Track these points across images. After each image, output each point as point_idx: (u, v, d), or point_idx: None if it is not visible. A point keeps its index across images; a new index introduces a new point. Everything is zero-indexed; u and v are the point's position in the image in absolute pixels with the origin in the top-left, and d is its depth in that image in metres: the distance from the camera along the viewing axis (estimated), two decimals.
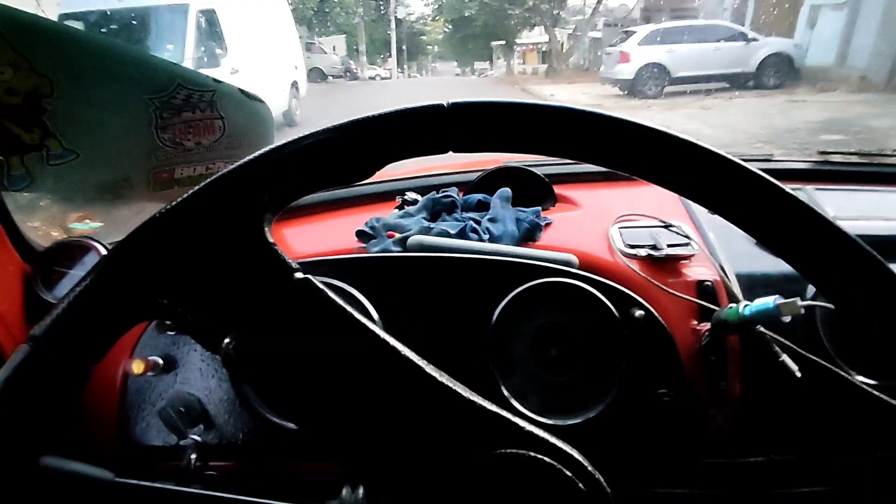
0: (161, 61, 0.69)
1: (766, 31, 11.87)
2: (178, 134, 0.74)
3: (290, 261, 0.39)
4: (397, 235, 0.78)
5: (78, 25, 6.44)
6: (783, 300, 0.63)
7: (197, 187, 0.39)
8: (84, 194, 0.73)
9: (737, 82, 10.62)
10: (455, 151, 0.51)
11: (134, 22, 6.26)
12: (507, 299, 0.70)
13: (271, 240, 0.40)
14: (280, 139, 0.42)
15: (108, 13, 6.22)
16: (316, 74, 15.28)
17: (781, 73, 10.62)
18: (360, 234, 0.82)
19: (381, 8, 24.72)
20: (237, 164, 0.40)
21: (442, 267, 0.72)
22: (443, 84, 19.72)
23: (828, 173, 0.97)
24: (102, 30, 6.23)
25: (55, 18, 5.52)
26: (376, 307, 0.70)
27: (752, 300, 0.70)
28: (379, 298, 0.70)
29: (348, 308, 0.38)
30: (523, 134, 0.43)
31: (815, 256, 0.38)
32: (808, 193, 0.94)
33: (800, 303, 0.62)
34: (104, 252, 0.65)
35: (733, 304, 0.69)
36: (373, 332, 0.38)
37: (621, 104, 10.05)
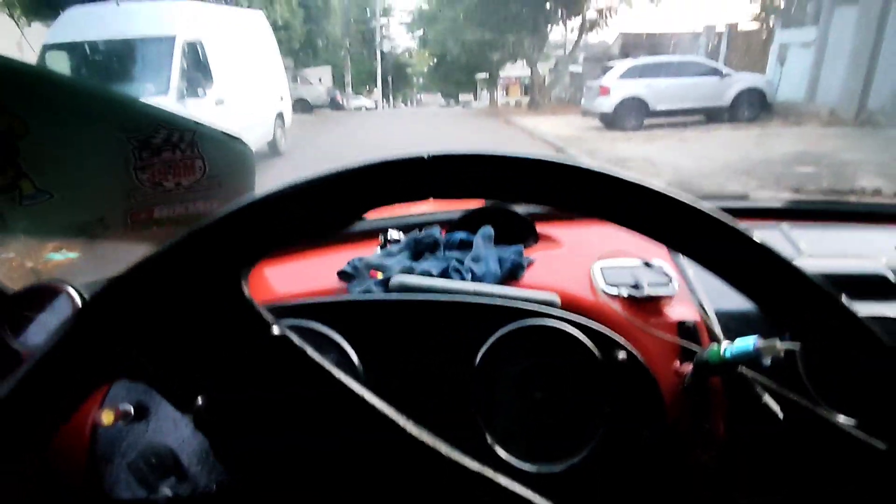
0: (141, 103, 0.68)
1: (738, 67, 12.33)
2: (157, 174, 0.73)
3: (267, 315, 0.38)
4: (380, 275, 0.77)
5: (62, 56, 6.45)
6: (763, 342, 0.63)
7: (171, 241, 0.38)
8: (58, 235, 0.71)
9: (713, 116, 10.98)
10: (435, 198, 0.51)
11: (120, 53, 6.28)
12: (490, 342, 0.69)
13: (248, 294, 0.39)
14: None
15: (94, 44, 6.25)
16: (301, 105, 15.43)
17: (755, 107, 11.01)
18: (343, 275, 0.81)
19: (368, 41, 25.21)
20: (213, 217, 0.40)
21: (424, 309, 0.71)
22: (426, 115, 20.04)
23: (802, 212, 0.99)
24: (90, 59, 6.24)
25: (39, 49, 5.49)
26: (359, 350, 0.69)
27: (733, 339, 0.71)
28: (361, 342, 0.69)
29: (326, 365, 0.37)
30: (497, 183, 0.43)
31: (773, 294, 0.39)
32: (782, 231, 0.96)
33: (779, 345, 0.63)
34: (75, 296, 0.63)
35: (714, 345, 0.69)
36: (351, 389, 0.37)
37: (603, 136, 10.28)
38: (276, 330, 0.38)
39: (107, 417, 0.65)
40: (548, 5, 15.58)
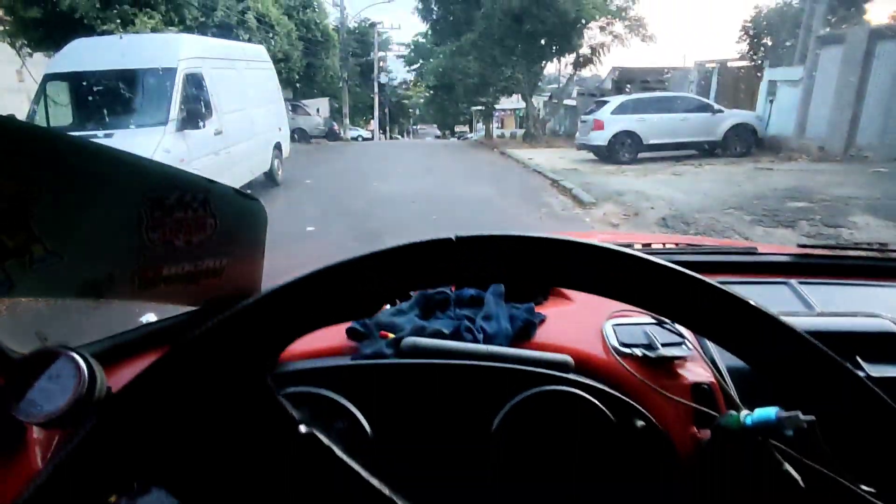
0: (156, 163, 0.68)
1: (728, 102, 12.63)
2: (167, 233, 0.72)
3: (294, 412, 0.37)
4: (390, 336, 0.76)
5: (63, 86, 6.51)
6: (785, 413, 0.62)
7: (194, 334, 0.37)
8: (64, 294, 0.69)
9: (705, 150, 11.18)
10: (463, 283, 0.50)
11: (121, 83, 6.35)
12: (506, 409, 0.68)
13: (274, 389, 0.38)
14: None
15: (95, 74, 6.32)
16: (299, 135, 15.60)
17: (746, 142, 11.24)
18: (352, 332, 0.80)
19: (366, 73, 25.69)
20: (237, 308, 0.39)
21: (438, 374, 0.70)
22: (422, 146, 20.28)
23: (810, 266, 1.00)
24: (91, 89, 6.29)
25: (40, 79, 5.54)
26: (371, 416, 0.67)
27: (749, 402, 0.69)
28: (373, 407, 0.68)
29: (354, 465, 0.36)
30: (529, 266, 0.43)
31: (782, 365, 0.40)
32: (792, 287, 0.96)
33: (802, 416, 0.61)
34: (83, 366, 0.62)
35: (733, 412, 0.68)
36: (378, 489, 0.36)
37: (597, 168, 10.42)
38: (303, 428, 0.36)
39: None
40: (542, 42, 15.99)
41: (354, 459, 0.62)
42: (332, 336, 0.83)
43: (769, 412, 0.63)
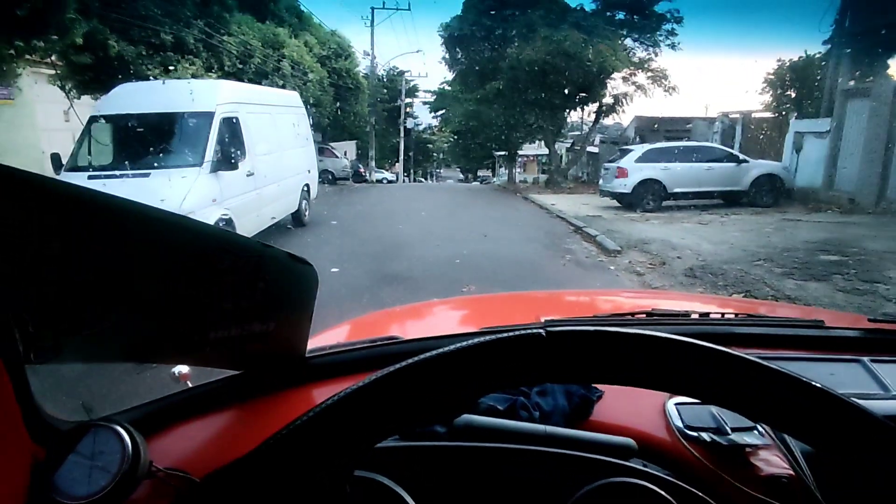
0: (210, 227, 0.67)
1: (754, 153, 12.58)
2: (217, 296, 0.70)
3: None
4: None
5: (106, 127, 6.82)
6: None
7: (263, 445, 0.35)
8: (111, 359, 0.68)
9: (731, 200, 11.08)
10: (552, 382, 0.47)
11: (161, 125, 6.62)
12: (570, 502, 0.62)
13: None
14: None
15: (137, 116, 6.61)
16: (326, 176, 15.98)
17: (773, 192, 11.12)
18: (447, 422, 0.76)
19: (392, 118, 26.43)
20: (308, 415, 0.36)
21: (494, 457, 0.65)
22: (446, 189, 20.55)
23: (883, 342, 0.93)
24: (132, 131, 6.57)
25: (85, 120, 5.82)
26: (422, 502, 0.62)
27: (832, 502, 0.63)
28: (424, 491, 0.63)
29: None
30: (626, 367, 0.40)
31: (868, 456, 0.36)
32: (865, 366, 0.89)
33: None
34: (127, 442, 0.59)
35: None
36: None
37: (620, 216, 10.37)
38: None
39: None
40: (566, 92, 16.30)
41: None
42: None
43: None
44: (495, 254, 6.99)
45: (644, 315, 0.95)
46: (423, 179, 35.13)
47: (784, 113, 14.78)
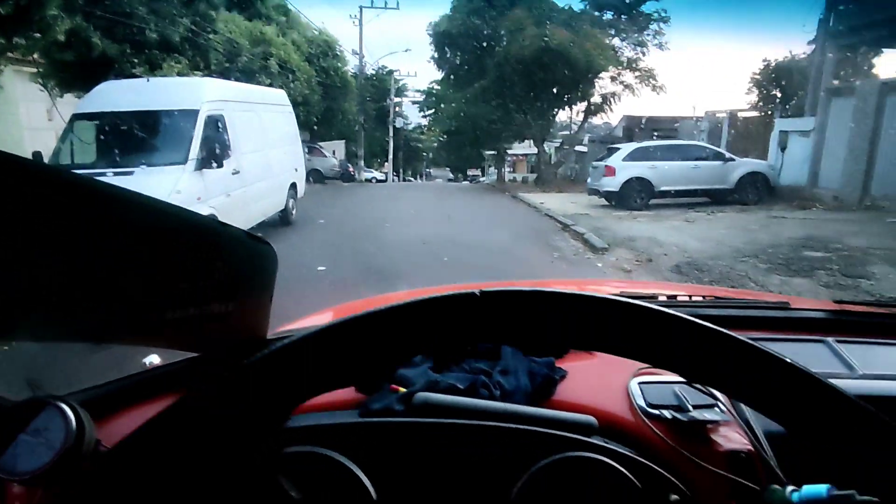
0: (164, 204, 0.66)
1: (740, 151, 12.71)
2: (173, 276, 0.69)
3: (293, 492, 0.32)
4: (401, 390, 0.71)
5: (89, 125, 6.72)
6: (839, 492, 0.56)
7: (195, 393, 0.34)
8: (63, 338, 0.66)
9: (717, 197, 11.18)
10: (486, 342, 0.47)
11: (145, 123, 6.54)
12: (527, 476, 0.62)
13: (273, 461, 0.33)
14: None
15: (121, 114, 6.52)
16: (314, 176, 15.89)
17: (759, 190, 11.23)
18: (363, 384, 0.75)
19: (381, 117, 26.33)
20: (240, 366, 0.35)
21: (451, 434, 0.65)
22: (435, 188, 20.53)
23: (848, 324, 0.94)
24: (115, 128, 6.48)
25: (69, 118, 5.74)
26: (377, 479, 0.62)
27: (792, 477, 0.63)
28: (381, 468, 0.62)
29: None
30: (564, 326, 0.39)
31: (818, 426, 0.36)
32: (830, 346, 0.90)
33: (858, 497, 0.55)
34: (71, 419, 0.58)
35: (776, 487, 0.61)
36: None
37: (608, 214, 10.42)
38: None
39: None
40: (554, 90, 16.35)
41: None
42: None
43: (819, 490, 0.57)
44: (483, 251, 7.00)
45: None
46: (412, 179, 35.07)
47: (770, 112, 14.94)
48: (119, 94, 6.79)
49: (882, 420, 0.34)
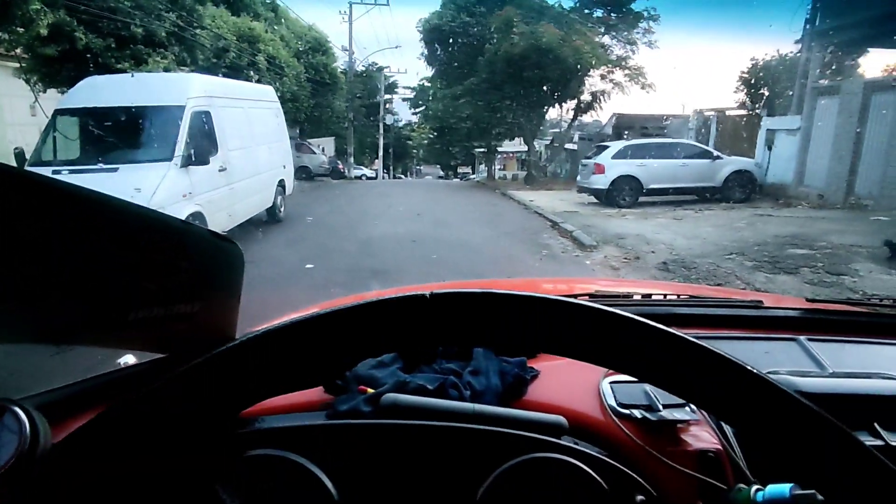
0: (128, 204, 0.64)
1: (727, 150, 12.81)
2: (136, 275, 0.68)
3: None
4: (369, 391, 0.71)
5: (72, 121, 6.62)
6: (801, 491, 0.56)
7: (143, 389, 0.33)
8: (22, 339, 0.65)
9: (704, 195, 11.26)
10: (437, 345, 0.47)
11: (129, 119, 6.45)
12: (493, 476, 0.62)
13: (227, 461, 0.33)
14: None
15: (105, 110, 6.43)
16: (303, 172, 15.80)
17: (746, 188, 11.34)
18: (328, 386, 0.74)
19: (371, 114, 26.23)
20: (188, 365, 0.34)
21: (419, 435, 0.64)
22: (425, 185, 20.51)
23: (820, 322, 0.94)
24: (99, 124, 6.39)
25: (50, 114, 5.65)
26: (343, 483, 0.61)
27: (760, 477, 0.63)
28: (346, 472, 0.61)
29: None
30: (515, 330, 0.39)
31: (791, 441, 0.36)
32: (802, 345, 0.91)
33: (820, 496, 0.55)
34: (25, 421, 0.56)
35: (743, 486, 0.62)
36: None
37: (597, 211, 10.47)
38: None
39: None
40: (544, 88, 16.38)
41: None
42: (307, 389, 0.77)
43: (783, 489, 0.57)
44: (472, 249, 7.00)
45: (587, 297, 0.95)
46: (402, 176, 34.97)
47: (757, 110, 15.07)
48: (103, 90, 6.69)
49: (825, 418, 0.34)
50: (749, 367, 0.37)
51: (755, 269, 5.96)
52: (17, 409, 0.56)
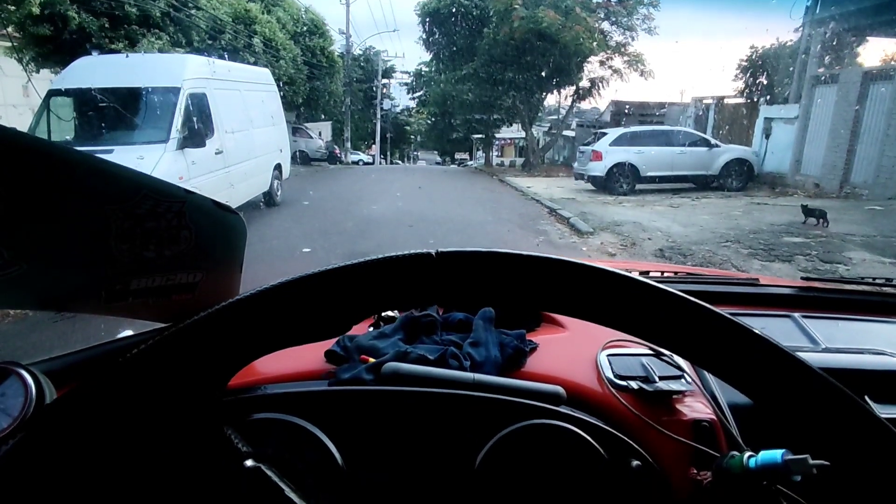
0: (126, 170, 0.64)
1: (725, 138, 12.80)
2: (138, 244, 0.68)
3: (242, 446, 0.32)
4: (371, 360, 0.72)
5: (66, 101, 6.55)
6: (793, 456, 0.58)
7: (141, 348, 0.34)
8: (27, 305, 0.65)
9: (702, 183, 11.27)
10: (441, 303, 0.47)
11: (124, 101, 6.38)
12: (492, 443, 0.63)
13: (221, 415, 0.33)
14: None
15: (99, 91, 6.36)
16: (300, 157, 15.70)
17: (742, 176, 11.35)
18: (330, 355, 0.75)
19: (368, 99, 26.01)
20: (189, 321, 0.35)
21: (419, 402, 0.65)
22: (422, 171, 20.44)
23: (814, 300, 0.96)
24: (94, 105, 6.32)
25: (44, 95, 5.56)
26: (346, 447, 0.62)
27: (753, 446, 0.65)
28: (348, 437, 0.63)
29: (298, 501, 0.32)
30: (517, 287, 0.40)
31: (794, 404, 0.37)
32: (796, 321, 0.92)
33: (811, 461, 0.57)
34: (31, 385, 0.57)
35: (735, 453, 0.63)
36: None
37: (594, 198, 10.47)
38: (249, 462, 0.32)
39: None
40: (543, 73, 16.26)
41: (323, 494, 0.57)
42: (310, 359, 0.78)
43: (775, 455, 0.58)
44: (469, 235, 7.01)
45: None
46: (399, 162, 34.80)
47: (755, 99, 15.02)
48: (97, 70, 6.61)
49: (843, 392, 0.35)
50: (768, 338, 0.38)
51: (751, 256, 6.00)
52: (24, 372, 0.57)
